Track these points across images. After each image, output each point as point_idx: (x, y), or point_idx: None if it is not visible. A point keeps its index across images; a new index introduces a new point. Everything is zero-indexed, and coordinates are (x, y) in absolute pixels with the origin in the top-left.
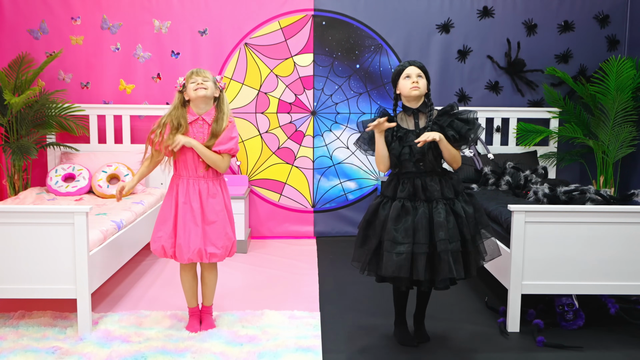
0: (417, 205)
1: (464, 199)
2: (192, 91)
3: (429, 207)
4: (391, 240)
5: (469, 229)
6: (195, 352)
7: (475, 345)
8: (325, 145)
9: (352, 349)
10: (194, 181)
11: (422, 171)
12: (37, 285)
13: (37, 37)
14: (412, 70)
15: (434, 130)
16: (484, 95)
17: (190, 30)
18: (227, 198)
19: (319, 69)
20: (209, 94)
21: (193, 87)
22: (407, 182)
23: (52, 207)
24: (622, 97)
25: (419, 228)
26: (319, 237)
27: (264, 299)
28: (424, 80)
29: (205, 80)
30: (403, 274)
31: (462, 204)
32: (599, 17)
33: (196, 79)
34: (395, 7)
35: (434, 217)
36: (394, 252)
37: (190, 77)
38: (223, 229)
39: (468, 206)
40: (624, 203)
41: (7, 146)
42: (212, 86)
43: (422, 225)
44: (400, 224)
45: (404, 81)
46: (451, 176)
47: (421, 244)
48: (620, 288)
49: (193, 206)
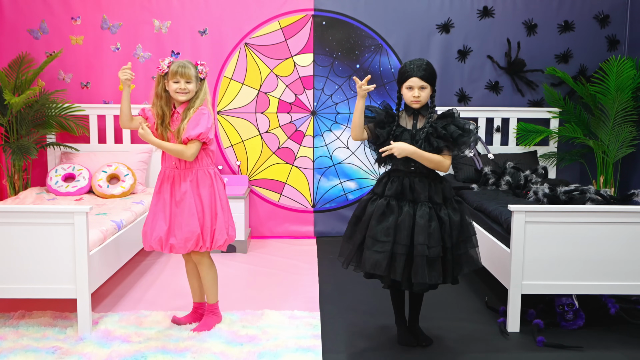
0: (402, 205)
1: (452, 206)
2: (173, 91)
3: (414, 208)
4: (372, 237)
5: (451, 237)
6: (195, 352)
7: (476, 345)
8: (326, 145)
9: (352, 349)
10: (169, 172)
11: (412, 171)
12: (37, 285)
13: (37, 37)
14: (414, 82)
15: (429, 132)
16: (484, 95)
17: (190, 30)
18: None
19: (319, 68)
20: (190, 96)
21: (175, 87)
22: (395, 181)
23: (52, 207)
24: (622, 97)
25: (401, 228)
26: (319, 237)
27: (264, 299)
28: (427, 91)
29: (189, 83)
30: (379, 272)
31: (449, 211)
32: (599, 17)
33: (179, 81)
34: (395, 7)
35: (416, 219)
36: (373, 249)
37: (174, 76)
38: (186, 220)
39: (455, 214)
40: (624, 203)
41: (7, 146)
42: (193, 87)
43: (404, 225)
44: (383, 222)
45: (406, 90)
46: (441, 181)
47: (401, 244)
48: (620, 288)
49: (164, 196)
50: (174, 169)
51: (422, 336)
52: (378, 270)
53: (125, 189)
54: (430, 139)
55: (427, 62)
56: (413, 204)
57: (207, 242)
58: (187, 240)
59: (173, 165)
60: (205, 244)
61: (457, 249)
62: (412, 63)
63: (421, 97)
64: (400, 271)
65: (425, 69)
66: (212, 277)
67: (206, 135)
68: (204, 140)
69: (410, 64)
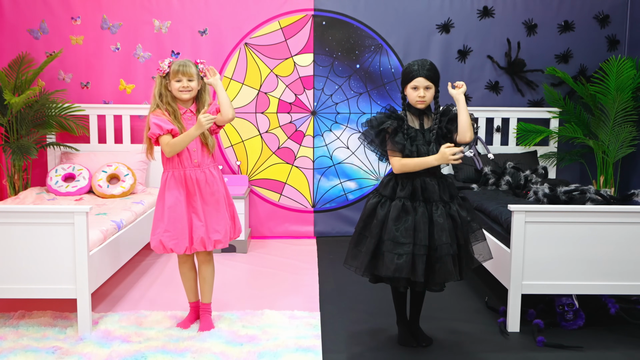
0: (416, 206)
1: (458, 202)
2: (176, 90)
3: (428, 208)
4: (392, 240)
5: (462, 233)
6: (195, 352)
7: (475, 345)
8: (326, 145)
9: (352, 349)
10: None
11: (421, 172)
12: (37, 285)
13: (37, 37)
14: (420, 82)
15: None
16: (484, 95)
17: (190, 30)
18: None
19: (319, 68)
20: (194, 94)
21: (177, 86)
22: (406, 182)
23: (52, 207)
24: (622, 97)
25: (419, 229)
26: (319, 237)
27: (264, 299)
28: (432, 91)
29: (191, 80)
30: (403, 275)
31: (456, 208)
32: (599, 17)
33: (182, 79)
34: (395, 7)
35: (434, 219)
36: (395, 252)
37: (176, 75)
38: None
39: (462, 210)
40: (624, 203)
41: (7, 146)
42: (196, 85)
43: (421, 226)
44: (400, 223)
45: (411, 90)
46: (446, 179)
47: (421, 245)
48: (620, 288)
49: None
50: (194, 168)
51: (422, 336)
52: (402, 274)
53: (125, 189)
54: (440, 141)
55: (430, 62)
56: (426, 204)
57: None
58: (226, 233)
59: (194, 164)
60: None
61: (468, 243)
62: (416, 63)
63: (426, 97)
64: (422, 272)
65: (430, 69)
66: (213, 277)
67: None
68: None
69: (414, 64)
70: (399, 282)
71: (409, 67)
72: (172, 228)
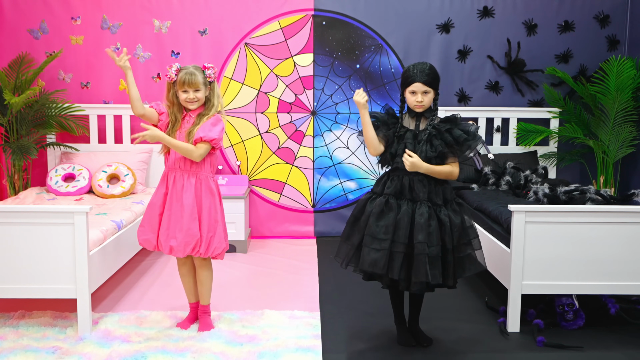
0: (401, 203)
1: (452, 207)
2: (183, 100)
3: (413, 207)
4: (371, 235)
5: (452, 239)
6: (195, 352)
7: (476, 345)
8: (326, 145)
9: (352, 349)
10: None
11: (412, 171)
12: (37, 285)
13: (37, 37)
14: (418, 88)
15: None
16: (484, 95)
17: (190, 30)
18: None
19: (319, 68)
20: (201, 103)
21: (184, 97)
22: (395, 179)
23: (52, 207)
24: (622, 97)
25: (400, 226)
26: (319, 237)
27: (264, 299)
28: (430, 95)
29: (197, 91)
30: (378, 270)
31: (449, 212)
32: (599, 17)
33: (188, 91)
34: (395, 7)
35: (415, 218)
36: (371, 247)
37: (182, 86)
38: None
39: (455, 216)
40: (624, 203)
41: (7, 146)
42: (202, 94)
43: (403, 223)
44: (382, 220)
45: (409, 94)
46: (442, 183)
47: (399, 242)
48: (620, 288)
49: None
50: (176, 170)
51: (422, 336)
52: (376, 269)
53: (125, 189)
54: (432, 141)
55: (430, 65)
56: (412, 203)
57: (204, 248)
58: (187, 244)
59: (177, 167)
60: (201, 250)
61: (459, 251)
62: (415, 67)
63: (424, 101)
64: (398, 270)
65: (428, 74)
66: (211, 280)
67: (218, 142)
68: (214, 146)
69: (413, 69)
70: (382, 279)
71: (408, 72)
72: (146, 224)
